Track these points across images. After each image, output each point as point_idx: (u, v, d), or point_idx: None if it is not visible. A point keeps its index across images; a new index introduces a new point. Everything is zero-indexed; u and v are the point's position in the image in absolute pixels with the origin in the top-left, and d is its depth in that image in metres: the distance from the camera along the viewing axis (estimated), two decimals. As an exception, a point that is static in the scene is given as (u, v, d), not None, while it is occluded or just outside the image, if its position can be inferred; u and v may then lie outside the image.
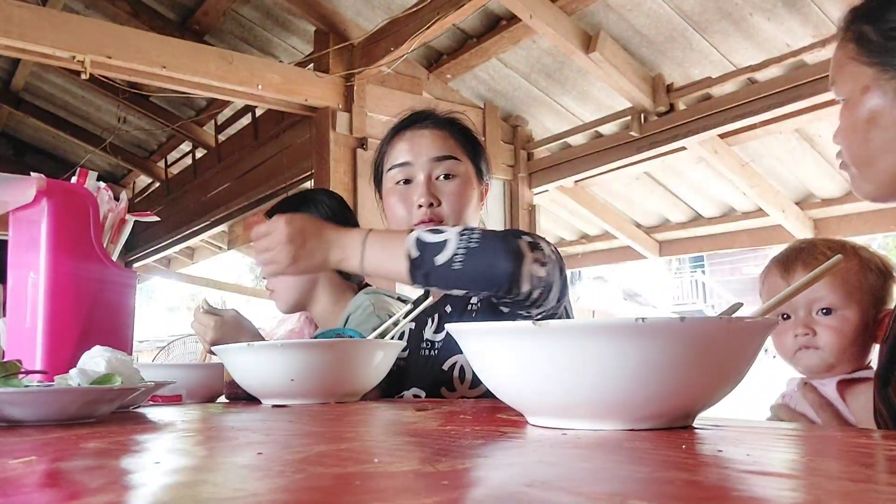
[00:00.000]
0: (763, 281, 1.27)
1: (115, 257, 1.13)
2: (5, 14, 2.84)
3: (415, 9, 3.27)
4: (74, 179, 1.10)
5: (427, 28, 3.17)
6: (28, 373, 0.85)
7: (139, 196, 6.52)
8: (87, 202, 1.06)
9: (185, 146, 5.61)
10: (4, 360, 0.82)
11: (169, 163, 5.90)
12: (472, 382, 1.22)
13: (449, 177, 1.29)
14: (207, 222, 5.08)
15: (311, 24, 3.79)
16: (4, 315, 1.08)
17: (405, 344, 1.36)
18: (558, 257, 1.10)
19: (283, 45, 4.19)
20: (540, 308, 1.10)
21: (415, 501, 0.34)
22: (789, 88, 3.20)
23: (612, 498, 0.34)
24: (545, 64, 3.82)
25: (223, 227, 5.38)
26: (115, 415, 0.87)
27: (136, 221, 1.19)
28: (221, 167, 4.84)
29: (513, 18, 3.47)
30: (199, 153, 5.35)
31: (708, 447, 0.52)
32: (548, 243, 1.09)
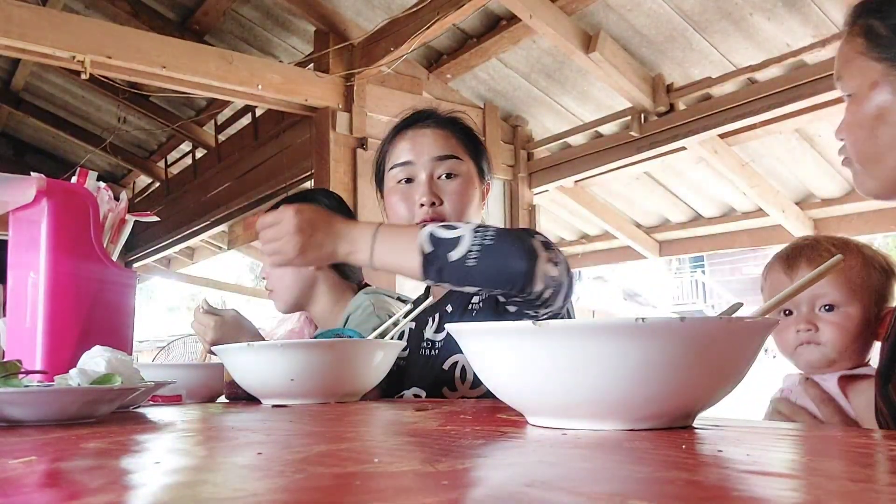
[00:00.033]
0: (765, 277, 1.27)
1: (115, 257, 1.13)
2: (5, 14, 2.84)
3: (415, 9, 3.27)
4: (74, 179, 1.10)
5: (427, 28, 3.17)
6: (28, 373, 0.85)
7: (139, 196, 6.52)
8: (87, 202, 1.06)
9: (185, 146, 5.61)
10: (4, 360, 0.82)
11: (169, 163, 5.90)
12: (474, 382, 1.22)
13: (451, 176, 1.28)
14: (207, 222, 5.07)
15: (311, 24, 3.79)
16: (4, 315, 1.08)
17: (405, 344, 1.36)
18: (564, 258, 1.10)
19: (283, 45, 4.19)
20: (548, 308, 1.10)
21: (415, 501, 0.34)
22: (789, 88, 3.20)
23: (611, 498, 0.34)
24: (545, 64, 3.82)
25: (223, 227, 5.37)
26: (115, 415, 0.87)
27: (136, 221, 1.19)
28: (221, 167, 4.84)
29: (513, 18, 3.47)
30: (199, 153, 5.35)
31: (708, 447, 0.52)
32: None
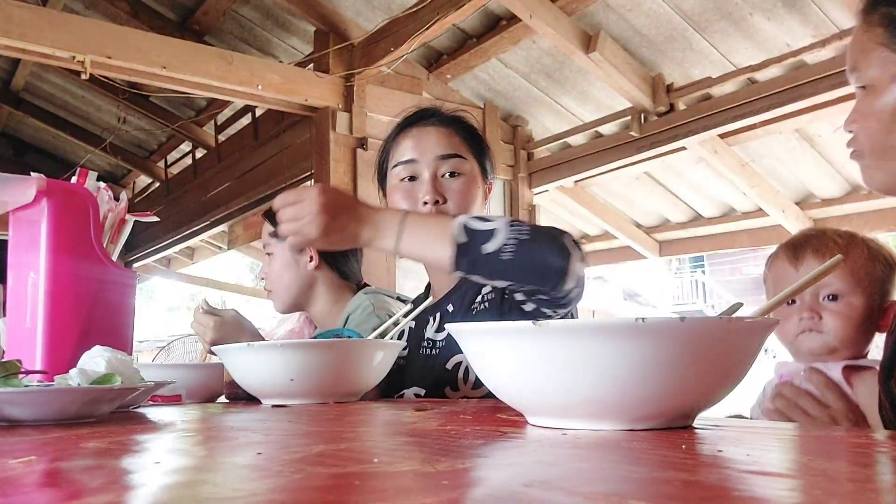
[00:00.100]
0: (769, 266, 1.27)
1: (115, 257, 1.13)
2: (5, 14, 2.84)
3: (415, 9, 3.27)
4: (74, 179, 1.10)
5: (427, 28, 3.17)
6: (28, 373, 0.85)
7: (139, 196, 6.52)
8: (87, 202, 1.06)
9: (185, 146, 5.61)
10: (4, 360, 0.82)
11: (169, 163, 5.90)
12: (476, 383, 1.21)
13: (454, 175, 1.28)
14: (207, 222, 5.07)
15: (311, 24, 3.79)
16: (4, 315, 1.08)
17: (405, 344, 1.36)
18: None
19: (283, 45, 4.19)
20: (567, 308, 1.10)
21: (415, 501, 0.34)
22: (789, 88, 3.20)
23: (611, 498, 0.34)
24: (545, 64, 3.82)
25: (223, 227, 5.37)
26: (115, 415, 0.87)
27: (136, 221, 1.19)
28: (221, 167, 4.84)
29: (513, 18, 3.47)
30: (199, 153, 5.35)
31: (708, 447, 0.52)
32: None
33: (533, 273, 1.02)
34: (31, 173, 1.02)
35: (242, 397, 1.25)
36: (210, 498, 0.36)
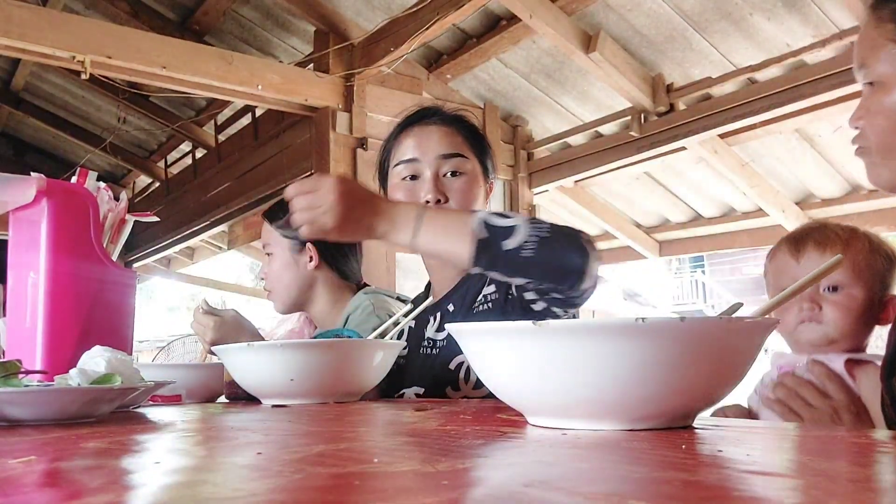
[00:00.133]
0: (770, 259, 1.27)
1: (115, 257, 1.13)
2: (5, 14, 2.84)
3: (415, 9, 3.27)
4: (74, 179, 1.10)
5: (427, 28, 3.17)
6: (28, 373, 0.85)
7: (139, 196, 6.52)
8: (87, 202, 1.06)
9: (185, 146, 5.61)
10: (4, 360, 0.82)
11: (169, 163, 5.90)
12: (477, 383, 1.21)
13: (456, 174, 1.28)
14: (207, 222, 5.07)
15: (311, 24, 3.79)
16: (4, 315, 1.08)
17: (405, 344, 1.36)
18: None
19: (283, 45, 4.19)
20: (577, 308, 1.11)
21: (415, 501, 0.34)
22: (789, 88, 3.20)
23: (611, 498, 0.34)
24: (545, 64, 3.82)
25: (223, 227, 5.37)
26: (115, 415, 0.87)
27: (136, 221, 1.19)
28: (221, 167, 4.84)
29: (513, 18, 3.47)
30: (199, 153, 5.34)
31: (708, 447, 0.52)
32: None
33: (552, 271, 1.02)
34: (31, 173, 1.02)
35: (242, 397, 1.25)
36: (210, 498, 0.36)
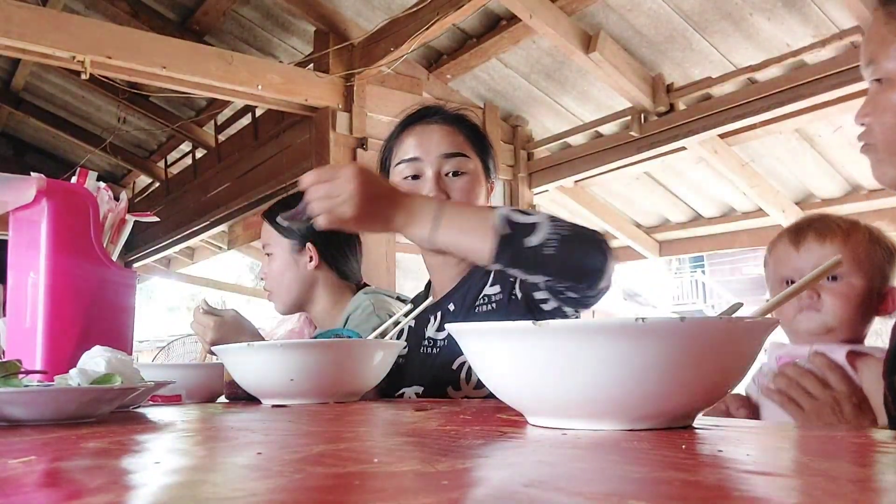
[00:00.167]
0: (771, 250, 1.28)
1: (115, 257, 1.13)
2: (5, 14, 2.84)
3: (415, 9, 3.27)
4: (74, 179, 1.10)
5: (427, 28, 3.17)
6: (28, 373, 0.85)
7: (139, 196, 6.52)
8: (87, 202, 1.06)
9: (185, 146, 5.61)
10: (4, 360, 0.82)
11: (169, 163, 5.90)
12: (478, 383, 1.21)
13: (458, 174, 1.27)
14: (207, 222, 5.07)
15: (311, 24, 3.79)
16: (4, 315, 1.08)
17: (405, 344, 1.36)
18: None
19: (283, 45, 4.19)
20: (589, 307, 1.11)
21: (415, 501, 0.34)
22: (789, 88, 3.20)
23: (611, 498, 0.34)
24: (545, 64, 3.82)
25: (223, 227, 5.37)
26: (115, 415, 0.87)
27: (136, 221, 1.19)
28: (221, 167, 4.84)
29: (513, 18, 3.47)
30: (199, 153, 5.34)
31: (708, 447, 0.52)
32: None
33: (573, 270, 1.02)
34: (31, 173, 1.02)
35: (242, 397, 1.25)
36: (210, 498, 0.36)
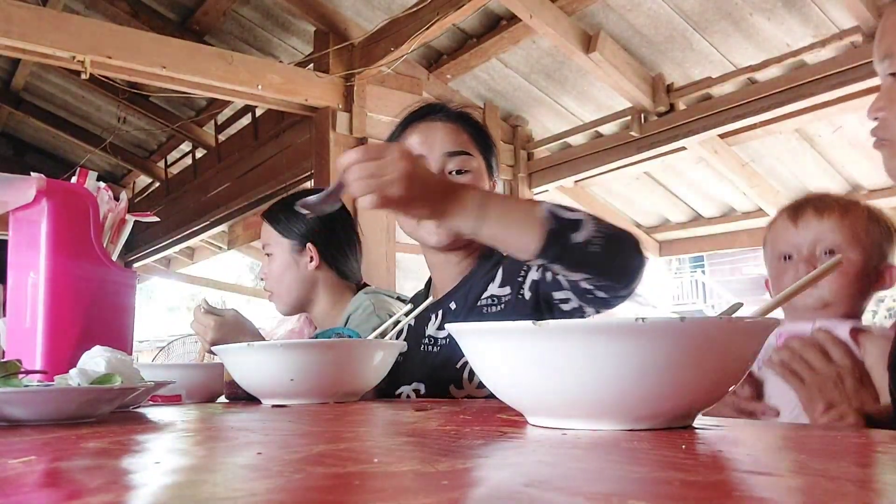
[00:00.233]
0: (770, 228, 1.28)
1: (115, 257, 1.13)
2: (5, 14, 2.84)
3: (415, 9, 3.27)
4: (74, 179, 1.10)
5: (427, 28, 3.17)
6: (28, 373, 0.85)
7: (139, 196, 6.52)
8: (87, 202, 1.06)
9: (185, 146, 5.61)
10: (4, 360, 0.82)
11: (169, 163, 5.90)
12: (481, 382, 1.21)
13: (461, 172, 1.27)
14: (207, 222, 5.07)
15: (311, 24, 3.79)
16: (4, 315, 1.08)
17: (405, 344, 1.36)
18: None
19: (283, 45, 4.19)
20: (613, 308, 1.11)
21: (415, 501, 0.34)
22: (789, 88, 3.20)
23: (611, 498, 0.34)
24: (545, 64, 3.82)
25: (223, 227, 5.37)
26: (115, 415, 0.87)
27: (136, 221, 1.19)
28: (221, 167, 4.84)
29: (513, 18, 3.47)
30: (199, 153, 5.34)
31: (708, 447, 0.52)
32: None
33: (614, 269, 1.02)
34: (31, 173, 1.02)
35: (242, 397, 1.25)
36: (210, 498, 0.36)
